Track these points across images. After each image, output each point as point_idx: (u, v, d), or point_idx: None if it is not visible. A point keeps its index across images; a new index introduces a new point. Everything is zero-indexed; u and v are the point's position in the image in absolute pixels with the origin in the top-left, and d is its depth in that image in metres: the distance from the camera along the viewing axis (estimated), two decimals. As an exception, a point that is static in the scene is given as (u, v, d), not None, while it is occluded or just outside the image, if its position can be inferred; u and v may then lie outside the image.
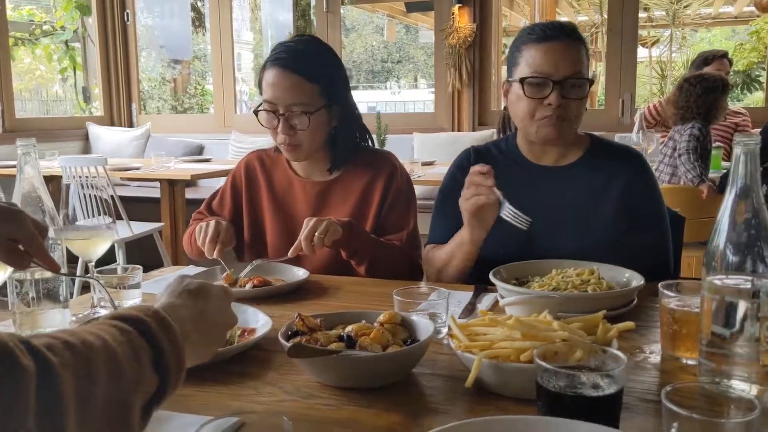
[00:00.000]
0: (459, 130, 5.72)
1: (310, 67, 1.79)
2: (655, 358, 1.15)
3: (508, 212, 1.50)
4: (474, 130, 5.66)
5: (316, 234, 1.64)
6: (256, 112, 1.83)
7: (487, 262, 1.55)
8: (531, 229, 1.48)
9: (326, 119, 1.84)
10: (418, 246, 1.89)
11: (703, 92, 3.67)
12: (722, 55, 4.67)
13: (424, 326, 1.14)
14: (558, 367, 0.86)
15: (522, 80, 1.63)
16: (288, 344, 1.03)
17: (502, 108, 1.90)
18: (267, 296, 1.54)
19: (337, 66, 1.89)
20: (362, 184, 1.91)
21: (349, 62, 12.30)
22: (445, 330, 1.24)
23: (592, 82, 1.65)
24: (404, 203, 1.91)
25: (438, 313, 1.30)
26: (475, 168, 1.54)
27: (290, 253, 1.67)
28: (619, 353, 0.88)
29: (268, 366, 1.14)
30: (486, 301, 1.48)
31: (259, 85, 1.85)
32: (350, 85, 1.95)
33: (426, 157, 5.07)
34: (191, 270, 1.78)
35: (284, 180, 1.97)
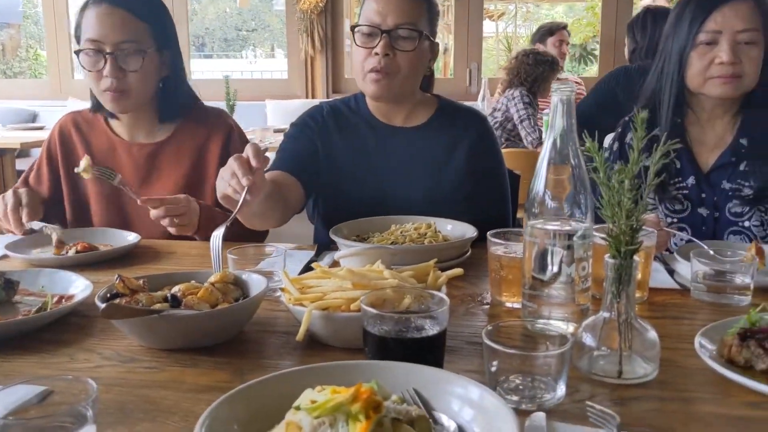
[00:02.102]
0: (313, 97, 5.68)
1: (138, 4, 1.67)
2: (485, 305, 1.19)
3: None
4: (328, 97, 5.64)
5: (175, 219, 1.52)
6: (77, 53, 1.67)
7: (339, 222, 1.53)
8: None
9: (157, 65, 1.72)
10: None
11: (534, 63, 3.95)
12: (563, 27, 4.94)
13: (257, 284, 1.11)
14: (383, 312, 0.85)
15: (353, 29, 1.61)
16: (103, 306, 0.96)
17: None
18: (92, 262, 1.44)
19: (165, 9, 1.78)
20: (196, 145, 1.80)
21: (201, 29, 11.78)
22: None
23: (421, 34, 1.60)
24: None
25: (274, 271, 1.27)
26: (248, 150, 1.24)
27: (140, 202, 1.52)
28: (443, 296, 0.89)
29: (86, 332, 1.06)
30: (327, 259, 1.46)
31: (77, 29, 1.69)
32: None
33: (279, 124, 4.99)
34: (8, 239, 1.60)
35: (105, 144, 1.82)
